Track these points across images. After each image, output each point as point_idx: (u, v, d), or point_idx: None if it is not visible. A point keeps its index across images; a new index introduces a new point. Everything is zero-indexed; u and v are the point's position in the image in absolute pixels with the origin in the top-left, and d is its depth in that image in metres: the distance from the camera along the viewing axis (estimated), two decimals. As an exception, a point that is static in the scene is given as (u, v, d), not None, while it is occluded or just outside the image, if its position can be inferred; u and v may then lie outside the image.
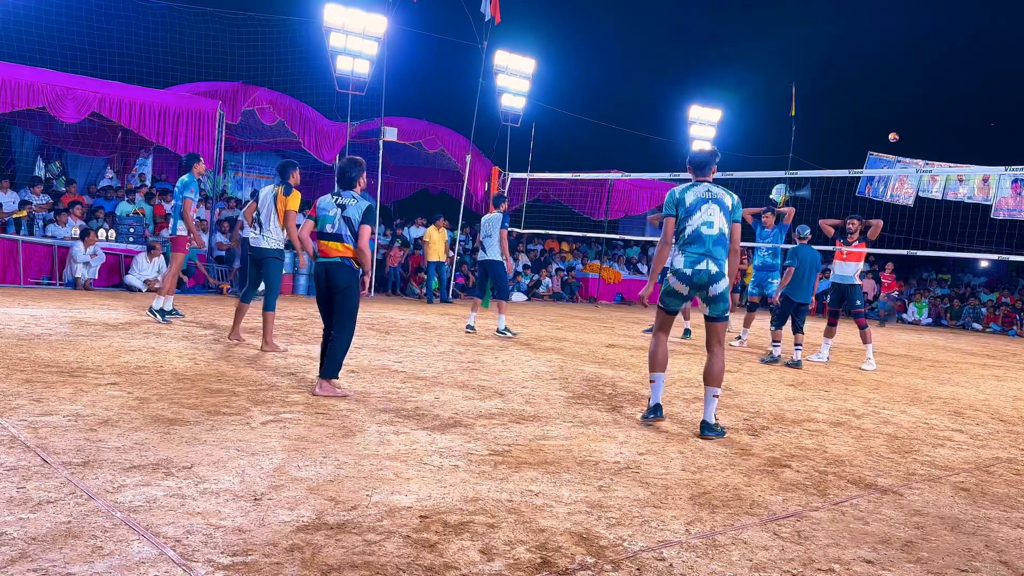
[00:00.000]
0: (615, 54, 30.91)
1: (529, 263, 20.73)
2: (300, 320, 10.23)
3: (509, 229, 10.23)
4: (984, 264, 27.70)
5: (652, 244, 21.84)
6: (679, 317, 9.86)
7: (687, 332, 11.81)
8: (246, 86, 15.16)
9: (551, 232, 18.53)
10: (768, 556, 3.07)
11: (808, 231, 9.86)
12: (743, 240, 7.04)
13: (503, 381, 6.64)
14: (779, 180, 12.83)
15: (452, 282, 17.75)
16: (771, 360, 9.51)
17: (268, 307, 7.45)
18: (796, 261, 9.52)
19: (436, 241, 16.12)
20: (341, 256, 5.46)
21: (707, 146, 6.28)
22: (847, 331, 13.57)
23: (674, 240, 5.34)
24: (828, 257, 11.34)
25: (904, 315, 22.65)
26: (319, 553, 2.75)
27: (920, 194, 20.12)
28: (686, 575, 2.83)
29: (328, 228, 5.49)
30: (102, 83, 13.46)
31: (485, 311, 13.35)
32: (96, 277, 12.88)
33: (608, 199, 20.55)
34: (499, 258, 10.09)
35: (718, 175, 14.33)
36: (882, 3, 30.06)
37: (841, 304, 10.12)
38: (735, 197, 5.40)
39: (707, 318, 5.36)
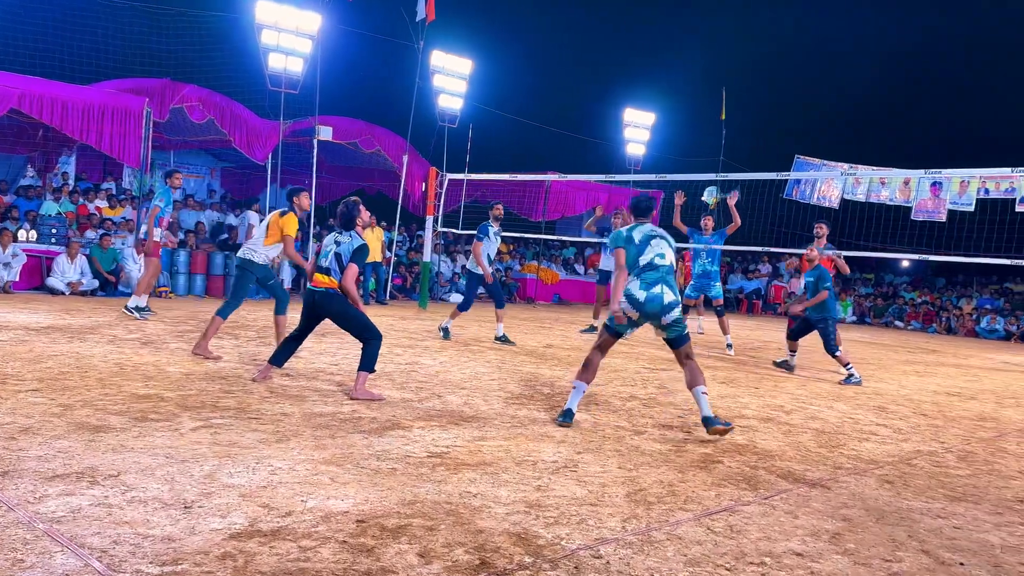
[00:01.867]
0: (551, 57, 31.13)
1: (467, 264, 20.71)
2: (231, 324, 10.00)
3: (480, 237, 9.89)
4: (905, 264, 28.73)
5: (589, 245, 22.06)
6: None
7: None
8: (174, 83, 14.75)
9: (488, 233, 18.52)
10: (702, 551, 3.13)
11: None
12: (677, 242, 7.14)
13: (441, 383, 6.62)
14: (711, 182, 13.08)
15: (389, 283, 17.61)
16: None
17: (221, 311, 7.36)
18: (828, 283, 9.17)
19: (371, 242, 15.97)
20: (326, 287, 5.89)
21: (648, 193, 6.43)
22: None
23: (629, 271, 5.48)
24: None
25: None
26: (252, 561, 2.70)
27: (845, 196, 20.77)
28: (623, 572, 2.86)
29: (323, 262, 5.95)
30: (22, 79, 12.92)
31: (422, 312, 13.28)
32: (17, 279, 12.38)
33: (545, 200, 20.66)
34: (476, 270, 9.87)
35: (650, 176, 14.48)
36: (808, 11, 30.94)
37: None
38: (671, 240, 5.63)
39: (669, 343, 5.46)
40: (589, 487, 3.87)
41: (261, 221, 8.01)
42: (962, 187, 19.01)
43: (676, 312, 5.34)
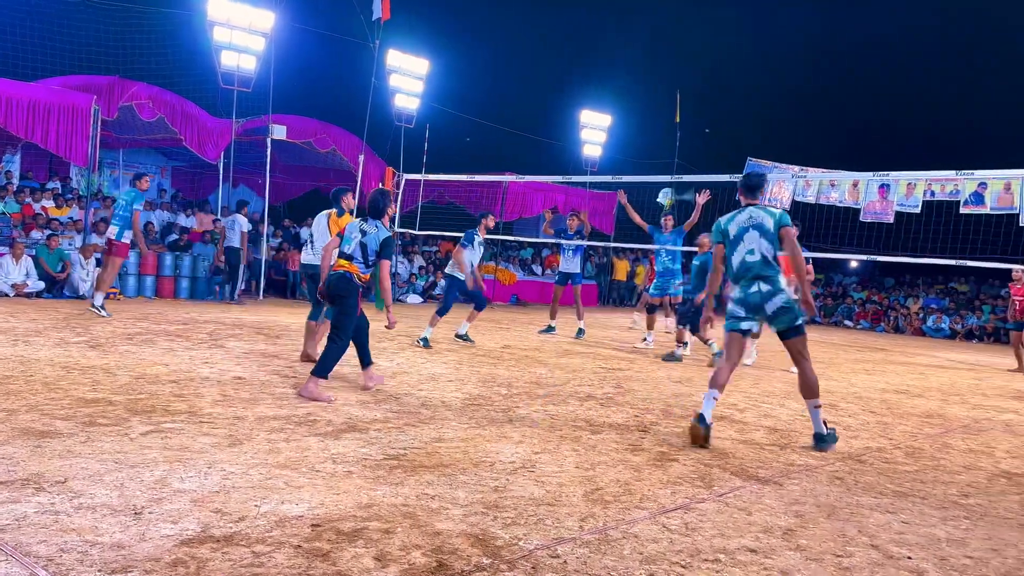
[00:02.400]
0: (508, 58, 31.17)
1: (424, 264, 20.63)
2: (183, 325, 9.83)
3: (464, 244, 9.98)
4: (854, 264, 29.35)
5: (546, 246, 22.13)
6: (575, 316, 10.08)
7: (580, 332, 12.03)
8: (123, 80, 14.45)
9: (446, 234, 18.47)
10: (658, 549, 3.16)
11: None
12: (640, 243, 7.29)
13: (398, 384, 6.58)
14: (666, 184, 13.22)
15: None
16: (683, 358, 9.69)
17: (312, 316, 7.61)
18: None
19: None
20: (345, 270, 5.98)
21: (761, 169, 6.36)
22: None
23: (725, 268, 5.61)
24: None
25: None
26: (204, 567, 2.65)
27: (796, 198, 21.14)
28: (580, 571, 2.87)
29: (346, 249, 6.05)
30: (-36, 75, 12.56)
31: (379, 312, 13.17)
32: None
33: (503, 201, 20.67)
34: (458, 275, 9.85)
35: (607, 178, 14.68)
36: (759, 15, 31.47)
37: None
38: (776, 214, 5.52)
39: (779, 336, 5.44)
40: (547, 487, 3.88)
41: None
42: (909, 189, 19.49)
43: (780, 300, 5.30)
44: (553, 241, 15.56)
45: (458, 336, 10.02)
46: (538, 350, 10.00)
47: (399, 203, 16.57)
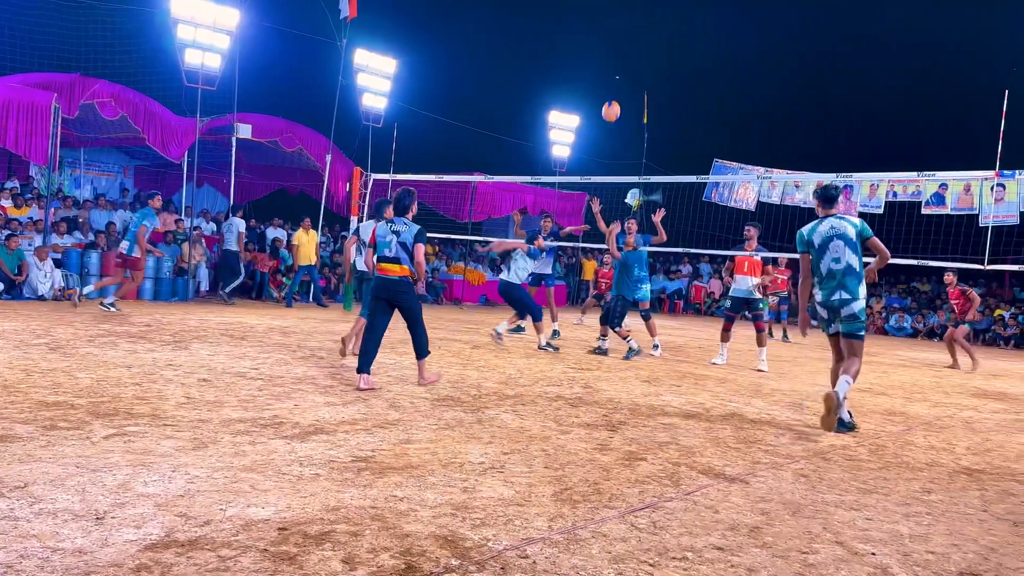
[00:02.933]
0: (476, 59, 31.12)
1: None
2: (146, 327, 9.68)
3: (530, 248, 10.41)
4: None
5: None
6: (543, 323, 10.11)
7: (555, 333, 12.06)
8: (84, 78, 14.18)
9: (414, 234, 18.39)
10: (626, 548, 3.17)
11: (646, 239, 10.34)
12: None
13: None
14: (634, 185, 13.29)
15: (314, 285, 17.33)
16: (635, 353, 9.80)
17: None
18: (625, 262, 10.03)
19: (306, 244, 15.71)
20: (399, 275, 6.37)
21: (836, 183, 6.94)
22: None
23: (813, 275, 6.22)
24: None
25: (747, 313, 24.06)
26: (169, 572, 2.61)
27: (761, 199, 21.42)
28: (549, 571, 2.87)
29: (387, 252, 6.37)
30: (-83, 71, 12.25)
31: (347, 314, 13.11)
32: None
33: (472, 201, 20.65)
34: (516, 280, 10.17)
35: (575, 178, 14.68)
36: (723, 17, 31.78)
37: (740, 311, 10.46)
38: (857, 224, 6.17)
39: (842, 334, 6.15)
40: (516, 487, 3.88)
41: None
42: (872, 190, 19.84)
43: (855, 307, 5.99)
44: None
45: (543, 347, 10.25)
46: (508, 350, 9.99)
47: (367, 203, 16.46)
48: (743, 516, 3.72)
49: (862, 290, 6.05)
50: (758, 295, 10.31)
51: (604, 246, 12.80)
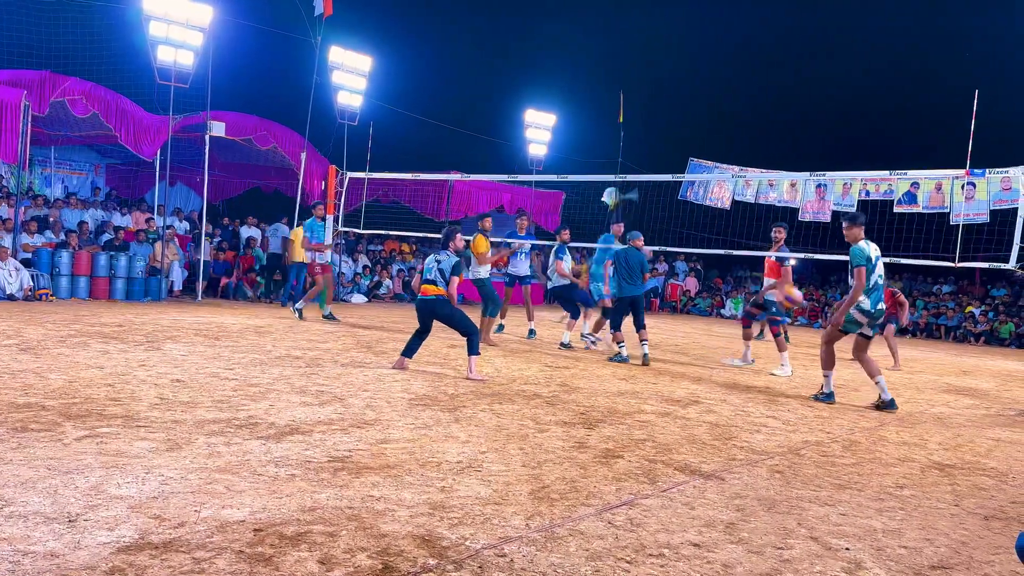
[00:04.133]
0: (452, 56, 31.07)
1: (369, 264, 20.45)
2: (118, 327, 9.56)
3: (560, 256, 11.05)
4: (793, 262, 29.99)
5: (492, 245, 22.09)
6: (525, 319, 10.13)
7: (531, 333, 12.07)
8: (55, 75, 13.96)
9: (391, 233, 18.32)
10: (603, 545, 3.18)
11: (640, 235, 10.24)
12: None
13: (343, 385, 6.50)
14: (610, 184, 13.32)
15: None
16: (621, 359, 9.70)
17: (488, 313, 10.46)
18: (624, 262, 9.88)
19: (298, 244, 15.58)
20: (436, 295, 7.60)
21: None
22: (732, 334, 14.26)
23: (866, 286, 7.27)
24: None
25: (723, 311, 24.26)
26: (143, 575, 2.58)
27: (736, 198, 21.56)
28: (527, 569, 2.88)
29: (429, 276, 7.68)
30: None
31: (322, 313, 13.01)
32: None
33: (448, 199, 20.60)
34: (563, 282, 11.06)
35: (552, 177, 14.70)
36: (700, 18, 31.97)
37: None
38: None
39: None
40: (493, 486, 3.88)
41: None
42: (845, 189, 20.04)
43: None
44: (498, 239, 15.57)
45: (562, 345, 10.82)
46: (485, 350, 9.97)
47: (343, 201, 16.36)
48: (719, 512, 3.74)
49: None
50: (775, 298, 10.46)
51: (584, 245, 12.92)
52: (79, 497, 3.26)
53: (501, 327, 12.16)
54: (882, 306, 7.37)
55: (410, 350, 7.78)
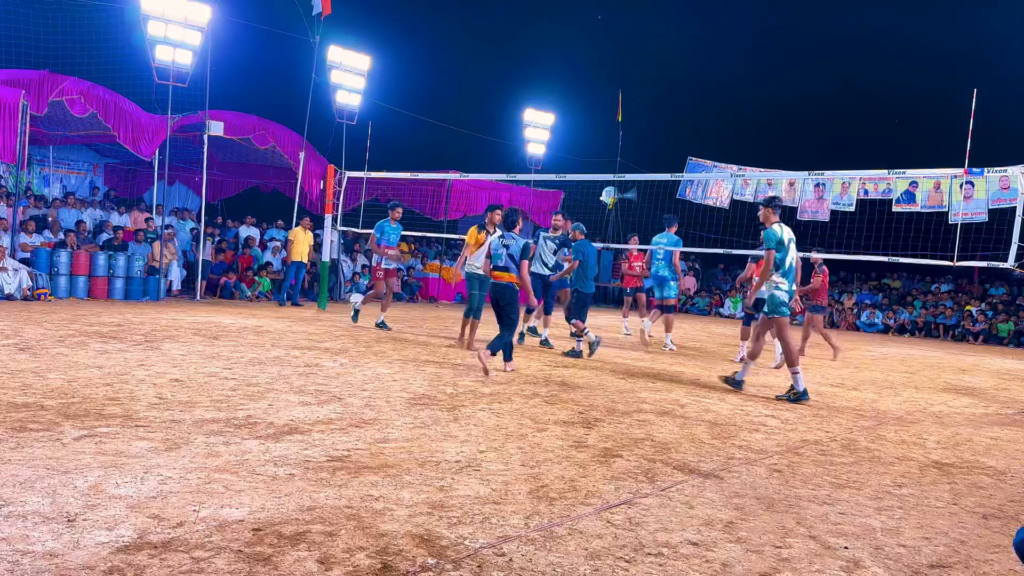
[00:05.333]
0: (451, 56, 31.05)
1: (368, 263, 20.44)
2: (117, 327, 9.55)
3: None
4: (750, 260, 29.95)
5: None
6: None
7: (521, 336, 12.01)
8: (53, 75, 13.95)
9: (389, 232, 18.29)
10: (602, 544, 3.18)
11: (583, 227, 10.26)
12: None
13: (341, 385, 6.50)
14: (609, 183, 13.34)
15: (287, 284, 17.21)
16: (575, 355, 9.70)
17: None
18: (581, 255, 9.92)
19: (301, 242, 15.58)
20: (507, 281, 7.81)
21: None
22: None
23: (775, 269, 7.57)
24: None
25: (721, 309, 24.26)
26: (142, 574, 2.57)
27: (734, 197, 21.57)
28: (526, 568, 2.88)
29: (500, 263, 7.84)
30: None
31: (321, 312, 13.03)
32: None
33: (447, 199, 20.58)
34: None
35: (551, 176, 14.78)
36: (700, 17, 31.97)
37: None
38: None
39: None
40: (492, 485, 3.88)
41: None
42: (843, 188, 20.05)
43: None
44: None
45: (543, 342, 10.75)
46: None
47: (341, 201, 16.37)
48: (718, 511, 3.74)
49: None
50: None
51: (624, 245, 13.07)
52: (78, 497, 3.26)
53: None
54: (794, 287, 7.93)
55: (507, 347, 7.85)
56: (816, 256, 11.99)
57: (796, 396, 7.43)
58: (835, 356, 12.03)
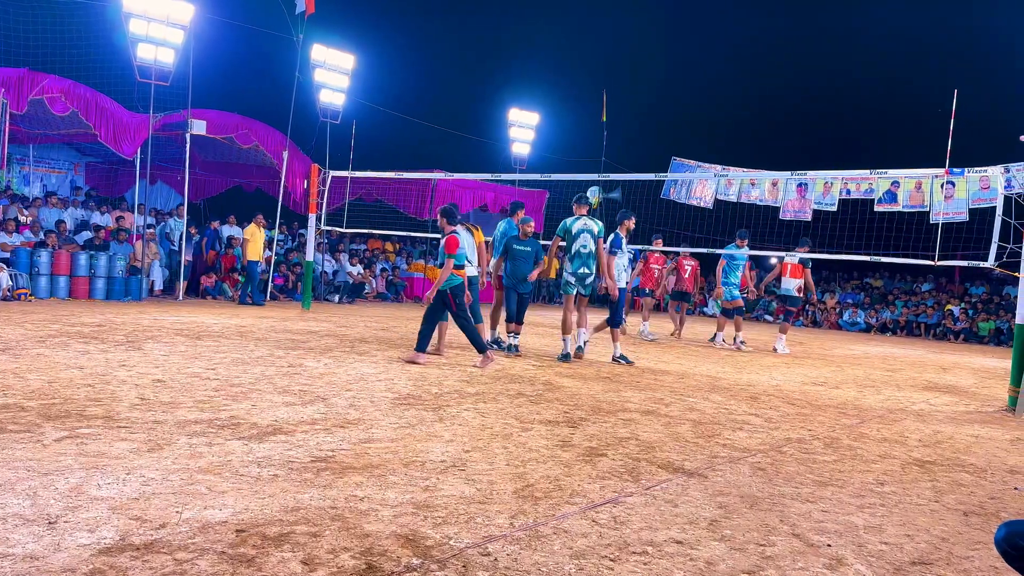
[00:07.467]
0: (436, 55, 31.02)
1: (354, 269, 20.37)
2: (98, 327, 9.47)
3: (613, 251, 9.68)
4: (773, 261, 30.14)
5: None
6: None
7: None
8: (33, 73, 13.81)
9: (375, 232, 18.27)
10: (587, 543, 3.19)
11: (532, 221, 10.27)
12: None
13: (326, 385, 6.47)
14: (593, 182, 13.35)
15: (270, 283, 17.13)
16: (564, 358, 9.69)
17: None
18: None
19: (257, 240, 15.52)
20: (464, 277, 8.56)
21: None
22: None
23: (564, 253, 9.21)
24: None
25: (705, 309, 24.36)
26: (123, 577, 2.55)
27: (718, 197, 21.66)
28: (511, 568, 2.87)
29: (462, 261, 8.55)
30: None
31: (305, 312, 12.98)
32: None
33: (432, 198, 20.55)
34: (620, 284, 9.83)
35: (536, 176, 14.83)
36: (682, 17, 32.07)
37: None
38: (600, 224, 9.27)
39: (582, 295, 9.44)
40: (477, 485, 3.87)
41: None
42: (826, 188, 20.18)
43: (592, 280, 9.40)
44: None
45: (616, 359, 9.68)
46: (469, 348, 9.97)
47: (325, 200, 16.30)
48: (702, 510, 3.76)
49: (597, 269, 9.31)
50: (797, 294, 12.66)
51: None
52: (59, 498, 3.23)
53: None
54: (585, 271, 9.21)
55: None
56: (659, 241, 13.99)
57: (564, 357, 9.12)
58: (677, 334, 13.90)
